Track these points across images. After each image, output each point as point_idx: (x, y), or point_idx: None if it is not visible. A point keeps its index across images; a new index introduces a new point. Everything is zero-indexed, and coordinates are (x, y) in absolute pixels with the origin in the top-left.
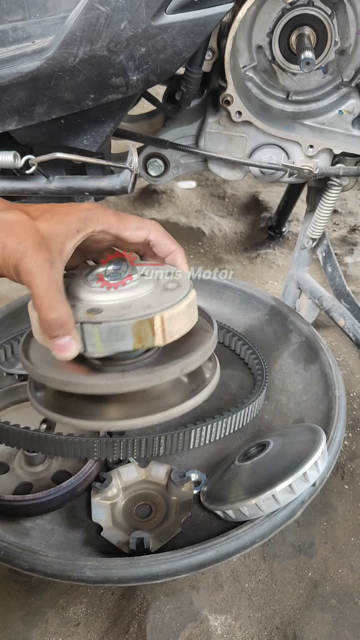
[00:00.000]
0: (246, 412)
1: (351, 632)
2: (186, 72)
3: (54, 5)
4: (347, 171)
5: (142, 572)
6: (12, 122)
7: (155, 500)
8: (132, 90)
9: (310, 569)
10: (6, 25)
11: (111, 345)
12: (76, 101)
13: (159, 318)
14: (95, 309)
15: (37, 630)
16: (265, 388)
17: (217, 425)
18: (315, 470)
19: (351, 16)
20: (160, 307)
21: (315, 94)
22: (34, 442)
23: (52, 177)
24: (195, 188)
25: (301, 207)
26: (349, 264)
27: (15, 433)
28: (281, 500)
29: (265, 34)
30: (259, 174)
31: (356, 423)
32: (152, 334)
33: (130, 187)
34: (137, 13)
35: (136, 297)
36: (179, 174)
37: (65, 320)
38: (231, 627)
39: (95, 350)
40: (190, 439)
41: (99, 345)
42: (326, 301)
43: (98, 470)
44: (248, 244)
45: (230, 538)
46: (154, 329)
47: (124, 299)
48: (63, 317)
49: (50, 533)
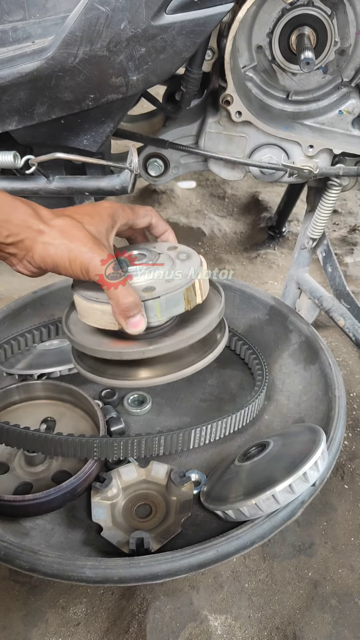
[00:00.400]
0: (246, 412)
1: (351, 632)
2: (186, 72)
3: (54, 5)
4: (347, 171)
5: (142, 572)
6: (12, 122)
7: (155, 500)
8: (132, 90)
9: (310, 569)
10: (6, 25)
11: (169, 312)
12: (76, 101)
13: (197, 282)
14: (149, 287)
15: (37, 630)
16: (265, 388)
17: (217, 425)
18: (315, 470)
19: (351, 16)
20: (193, 273)
21: (315, 94)
22: (34, 442)
23: (52, 177)
24: (195, 188)
25: (301, 207)
26: (349, 264)
27: (16, 433)
28: (281, 500)
29: (265, 34)
30: (259, 174)
31: (356, 423)
32: (195, 295)
33: (130, 187)
34: (137, 13)
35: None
36: (179, 174)
37: (137, 302)
38: (231, 627)
39: (156, 319)
40: (190, 439)
41: (159, 314)
42: (326, 301)
43: (98, 470)
44: (248, 244)
45: (230, 538)
46: (196, 290)
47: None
48: (136, 300)
49: (50, 533)
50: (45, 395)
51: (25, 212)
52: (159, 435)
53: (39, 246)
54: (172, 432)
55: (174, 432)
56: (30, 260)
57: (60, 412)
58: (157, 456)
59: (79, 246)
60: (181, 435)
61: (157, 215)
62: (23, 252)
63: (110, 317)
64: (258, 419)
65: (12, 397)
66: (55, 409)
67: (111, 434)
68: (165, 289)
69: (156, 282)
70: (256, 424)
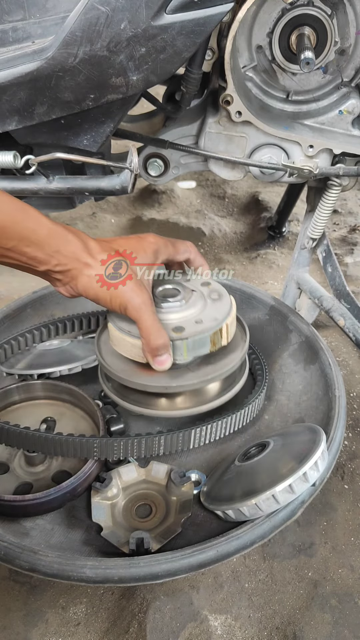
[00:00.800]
0: (246, 412)
1: (351, 632)
2: (186, 72)
3: (54, 5)
4: (347, 171)
5: (142, 572)
6: (12, 122)
7: (155, 500)
8: (132, 90)
9: (310, 569)
10: (6, 25)
11: (194, 352)
12: (76, 101)
13: (225, 326)
14: (179, 327)
15: (37, 630)
16: (265, 388)
17: (217, 425)
18: (315, 470)
19: (351, 16)
20: (222, 316)
21: (315, 94)
22: (34, 442)
23: (52, 177)
24: (195, 188)
25: (301, 207)
26: (349, 264)
27: (16, 433)
28: (281, 500)
29: (265, 34)
30: (259, 174)
31: (356, 423)
32: (221, 338)
33: (130, 187)
34: (137, 13)
35: (200, 311)
36: (179, 174)
37: (167, 344)
38: (231, 627)
39: (182, 359)
40: (190, 439)
41: (185, 354)
42: (326, 301)
43: (98, 470)
44: (248, 244)
45: (230, 538)
46: (222, 334)
47: (193, 314)
48: (166, 342)
49: (50, 533)
50: (45, 395)
51: (76, 245)
52: (159, 435)
53: (84, 278)
54: (172, 432)
55: (174, 432)
56: (73, 287)
57: (60, 412)
58: (157, 456)
59: (121, 285)
60: (181, 435)
61: (195, 251)
62: (68, 279)
63: (139, 350)
64: (258, 419)
65: (12, 397)
66: (55, 409)
67: (111, 434)
68: (194, 332)
69: (186, 322)
70: (256, 424)
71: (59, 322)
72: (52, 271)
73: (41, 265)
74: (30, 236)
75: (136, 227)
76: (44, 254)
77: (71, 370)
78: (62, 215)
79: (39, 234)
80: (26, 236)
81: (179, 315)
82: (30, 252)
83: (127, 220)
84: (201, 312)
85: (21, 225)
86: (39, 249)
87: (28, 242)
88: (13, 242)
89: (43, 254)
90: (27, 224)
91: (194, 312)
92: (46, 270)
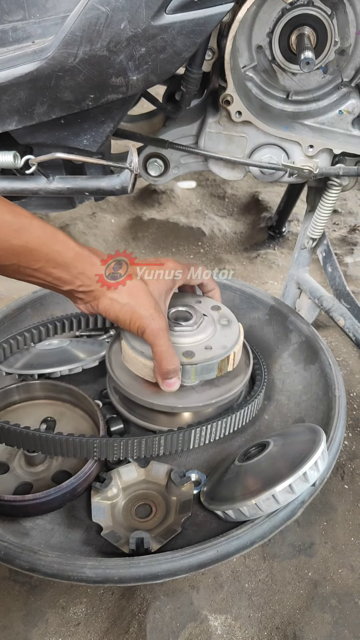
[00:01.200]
0: (246, 412)
1: (351, 632)
2: (186, 72)
3: (54, 5)
4: (347, 171)
5: (142, 572)
6: (12, 122)
7: (155, 500)
8: (132, 90)
9: (310, 569)
10: (6, 25)
11: (202, 377)
12: (76, 101)
13: (232, 354)
14: (189, 352)
15: (38, 630)
16: (264, 388)
17: (217, 425)
18: (315, 470)
19: (351, 16)
20: (230, 344)
21: (315, 94)
22: (35, 442)
23: (52, 177)
24: (195, 188)
25: (301, 207)
26: (349, 264)
27: (16, 433)
28: (281, 500)
29: (265, 34)
30: (259, 174)
31: (356, 423)
32: (227, 364)
33: (130, 187)
34: (137, 13)
35: (210, 337)
36: (179, 174)
37: (177, 368)
38: (231, 627)
39: (189, 382)
40: (190, 439)
41: (193, 378)
42: (326, 301)
43: (98, 470)
44: (248, 244)
45: (230, 538)
46: (229, 361)
47: (203, 340)
48: (177, 367)
49: (50, 533)
50: (45, 395)
51: (100, 268)
52: (159, 435)
53: (105, 300)
54: (172, 432)
55: (174, 432)
56: (93, 306)
57: (60, 412)
58: (157, 456)
59: (141, 310)
60: (181, 435)
61: (208, 275)
62: (90, 299)
63: (150, 370)
64: (258, 419)
65: (12, 397)
66: (55, 409)
67: (111, 434)
68: (203, 358)
69: (196, 347)
70: (256, 424)
71: (58, 321)
72: (75, 291)
73: (65, 285)
74: (57, 258)
75: (136, 227)
76: (69, 275)
77: (71, 371)
78: (62, 215)
79: (66, 257)
80: (53, 258)
81: (190, 340)
82: (56, 273)
83: (127, 220)
84: (211, 338)
85: (50, 248)
86: (65, 271)
87: (55, 263)
88: (41, 264)
89: (68, 275)
90: (55, 247)
91: (204, 338)
92: (70, 290)
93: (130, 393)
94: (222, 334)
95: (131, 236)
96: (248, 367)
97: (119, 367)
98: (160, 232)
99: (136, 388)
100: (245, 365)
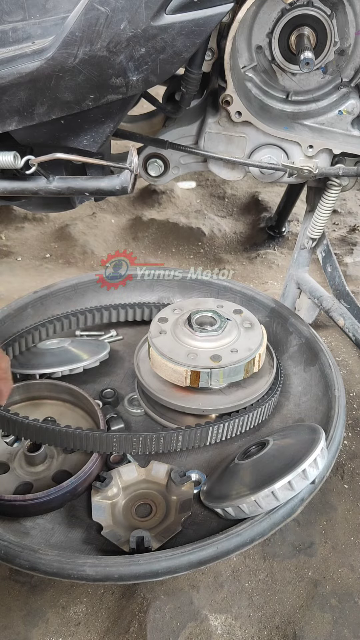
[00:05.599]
0: (262, 410)
1: (351, 632)
2: (186, 73)
3: (54, 6)
4: (346, 171)
5: (142, 570)
6: (12, 122)
7: (156, 500)
8: (132, 91)
9: (310, 568)
10: (6, 26)
11: (229, 379)
12: (76, 101)
13: (258, 355)
14: (216, 356)
15: (38, 630)
16: (281, 387)
17: (234, 423)
18: (314, 467)
19: (351, 16)
20: (255, 346)
21: (315, 94)
22: (55, 437)
23: (52, 177)
24: (195, 188)
25: (301, 207)
26: (348, 264)
27: (36, 428)
28: (280, 497)
29: (265, 34)
30: (259, 174)
31: (356, 423)
32: (253, 366)
33: (130, 188)
34: (137, 13)
35: (235, 340)
36: (179, 174)
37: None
38: (231, 627)
39: (217, 384)
40: (207, 436)
41: (221, 380)
42: (326, 301)
43: (98, 470)
44: (248, 244)
45: (230, 535)
46: (255, 363)
47: (229, 344)
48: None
49: (51, 532)
50: (45, 395)
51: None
52: (178, 430)
53: None
54: (191, 428)
55: (192, 428)
56: None
57: (61, 411)
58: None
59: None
60: (199, 432)
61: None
62: None
63: (179, 375)
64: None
65: (13, 397)
66: (55, 409)
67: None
68: (230, 361)
69: (222, 351)
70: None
71: (56, 320)
72: None
73: None
74: None
75: (136, 227)
76: None
77: (72, 371)
78: (62, 215)
79: None
80: None
81: (216, 344)
82: None
83: (127, 220)
84: (236, 341)
85: None
86: None
87: None
88: None
89: None
90: None
91: (230, 341)
92: None
93: (161, 398)
94: (246, 336)
95: (131, 236)
96: (272, 368)
97: (148, 373)
98: (160, 233)
99: (166, 393)
100: (270, 366)
